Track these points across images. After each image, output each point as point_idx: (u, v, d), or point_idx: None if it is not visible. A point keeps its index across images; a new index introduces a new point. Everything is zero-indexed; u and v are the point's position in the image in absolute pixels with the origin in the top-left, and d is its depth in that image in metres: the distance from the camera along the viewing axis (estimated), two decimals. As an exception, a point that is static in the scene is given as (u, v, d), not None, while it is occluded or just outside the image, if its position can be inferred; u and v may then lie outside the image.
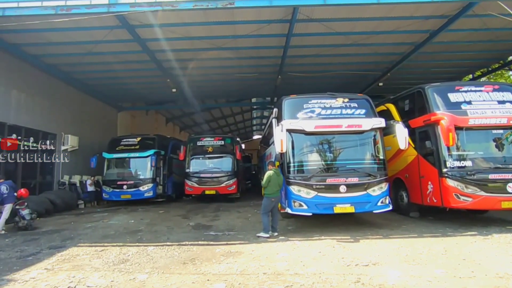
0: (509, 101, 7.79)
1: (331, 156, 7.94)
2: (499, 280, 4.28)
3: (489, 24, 10.82)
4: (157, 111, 24.50)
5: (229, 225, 8.91)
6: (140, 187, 13.87)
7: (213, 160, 14.98)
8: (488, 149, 7.78)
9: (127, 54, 12.49)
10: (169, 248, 6.46)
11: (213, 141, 15.25)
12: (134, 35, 10.61)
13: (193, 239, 7.20)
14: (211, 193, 14.24)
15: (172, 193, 15.87)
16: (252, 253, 5.91)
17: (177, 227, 8.80)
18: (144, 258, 5.78)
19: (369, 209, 7.48)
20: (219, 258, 5.67)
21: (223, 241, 6.93)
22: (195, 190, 14.39)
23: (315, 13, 9.85)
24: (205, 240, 7.13)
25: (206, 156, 14.97)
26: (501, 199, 7.18)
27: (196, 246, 6.55)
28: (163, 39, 11.30)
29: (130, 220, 10.19)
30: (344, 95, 8.31)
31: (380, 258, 5.30)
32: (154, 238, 7.51)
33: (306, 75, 14.70)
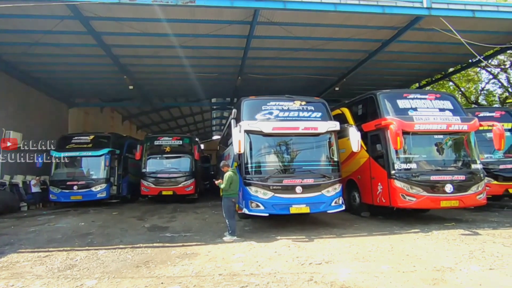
0: (449, 109, 8.52)
1: (288, 157, 8.14)
2: (437, 272, 4.66)
3: (433, 38, 11.80)
4: (113, 109, 23.34)
5: (186, 226, 8.75)
6: (93, 188, 13.15)
7: (171, 160, 14.64)
8: (430, 153, 8.42)
9: (80, 47, 11.78)
10: (121, 251, 6.20)
11: (171, 141, 14.89)
12: (88, 27, 10.03)
13: (147, 241, 6.97)
14: (168, 194, 13.90)
15: (127, 193, 15.22)
16: (208, 254, 5.86)
17: (131, 229, 8.46)
18: (94, 263, 5.48)
19: (324, 209, 7.75)
20: (175, 260, 5.55)
21: (179, 243, 6.79)
22: (152, 190, 13.94)
23: (275, 16, 10.03)
24: (161, 242, 6.93)
25: (164, 156, 14.60)
26: (441, 198, 7.80)
27: (151, 249, 6.35)
28: (120, 34, 10.84)
29: (80, 222, 9.61)
30: (302, 98, 8.56)
31: (333, 257, 5.51)
32: (106, 241, 7.15)
33: (266, 77, 14.91)
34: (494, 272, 4.59)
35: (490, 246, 5.92)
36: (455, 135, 8.42)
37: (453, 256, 5.38)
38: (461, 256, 5.36)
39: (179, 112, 26.55)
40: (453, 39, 10.86)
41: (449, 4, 10.16)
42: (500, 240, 6.29)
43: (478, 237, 6.65)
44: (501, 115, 10.93)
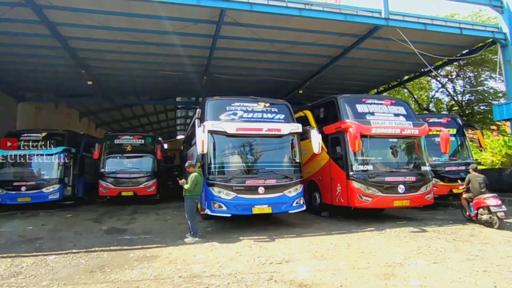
0: (402, 114, 9.08)
1: (251, 158, 8.21)
2: (388, 268, 4.96)
3: (390, 47, 12.53)
4: (69, 105, 21.94)
5: (146, 228, 8.50)
6: (44, 189, 12.28)
7: (132, 159, 14.11)
8: (385, 155, 8.93)
9: (32, 37, 10.99)
10: (74, 256, 5.88)
11: (133, 140, 14.34)
12: (41, 16, 9.39)
13: (104, 244, 6.67)
14: (128, 195, 13.37)
15: (84, 195, 14.41)
16: (168, 257, 5.75)
17: (86, 232, 8.06)
18: (42, 270, 5.15)
19: (285, 209, 7.92)
20: (133, 263, 5.38)
21: (138, 245, 6.58)
22: (111, 191, 13.34)
23: (242, 17, 10.08)
24: (118, 245, 6.68)
25: (124, 155, 14.03)
26: (394, 198, 8.30)
27: (107, 252, 6.09)
28: (78, 26, 10.28)
29: (28, 226, 8.94)
30: (266, 100, 8.67)
31: (293, 256, 5.66)
32: (57, 246, 6.74)
33: (232, 77, 14.91)
34: (437, 266, 4.98)
35: (435, 242, 6.40)
36: (407, 139, 9.00)
37: (403, 252, 5.75)
38: (410, 252, 5.74)
39: (142, 110, 25.65)
40: (408, 49, 11.63)
41: (404, 16, 10.89)
42: (444, 236, 6.83)
43: (426, 234, 7.16)
44: (448, 121, 11.86)
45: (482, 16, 16.67)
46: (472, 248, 5.93)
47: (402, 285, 4.25)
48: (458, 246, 6.08)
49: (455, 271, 4.72)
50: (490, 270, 4.71)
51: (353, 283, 4.37)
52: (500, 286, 4.16)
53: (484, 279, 4.40)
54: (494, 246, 6.05)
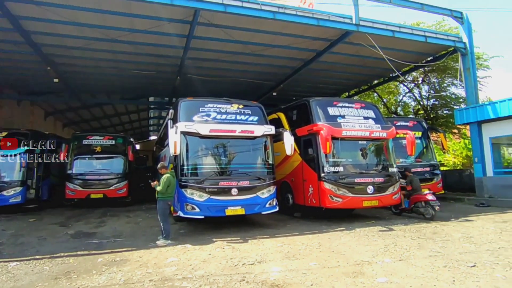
0: (371, 118, 9.43)
1: (224, 159, 8.20)
2: (357, 266, 5.13)
3: (360, 52, 12.98)
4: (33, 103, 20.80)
5: (116, 231, 8.24)
6: (4, 192, 11.57)
7: (102, 160, 13.66)
8: (355, 157, 9.23)
9: (-9, 30, 10.35)
10: (37, 262, 5.59)
11: (102, 140, 13.87)
12: (3, 9, 8.91)
13: (70, 249, 6.40)
14: (98, 197, 12.92)
15: (49, 197, 13.74)
16: (139, 260, 5.61)
17: (51, 237, 7.68)
18: (3, 277, 4.87)
19: (258, 210, 7.97)
20: (101, 268, 5.20)
21: (108, 249, 6.38)
22: (78, 194, 12.83)
23: (216, 18, 10.06)
24: (86, 249, 6.42)
25: (94, 156, 13.55)
26: (363, 199, 8.60)
27: (74, 257, 5.85)
28: (43, 20, 9.81)
29: (-15, 232, 8.41)
30: (240, 102, 8.71)
31: (265, 256, 5.70)
32: (19, 252, 6.38)
33: (205, 78, 14.81)
34: (402, 263, 5.21)
35: (401, 240, 6.69)
36: (376, 142, 9.35)
37: (371, 250, 5.96)
38: (378, 250, 5.96)
39: (113, 110, 24.79)
40: (377, 54, 12.11)
41: (374, 23, 11.34)
42: (409, 235, 7.15)
43: (392, 232, 7.47)
44: (414, 124, 12.46)
45: (444, 26, 17.66)
46: (434, 245, 6.25)
47: (369, 283, 4.41)
48: (422, 243, 6.39)
49: (418, 267, 4.97)
50: (450, 266, 5.00)
51: (323, 282, 4.48)
52: (458, 280, 4.42)
53: (444, 274, 4.66)
54: (454, 242, 6.42)
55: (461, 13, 13.08)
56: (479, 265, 4.98)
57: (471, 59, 13.16)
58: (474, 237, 6.78)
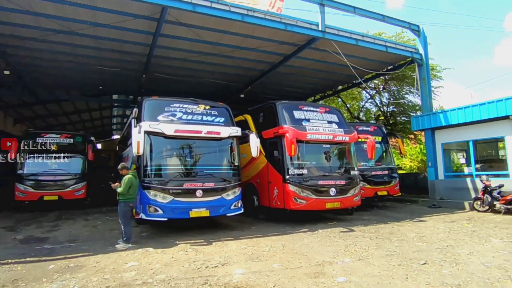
0: (335, 122, 9.74)
1: (189, 160, 8.07)
2: (318, 266, 5.26)
3: (326, 59, 13.39)
4: (-21, 96, 19.14)
5: (71, 235, 7.80)
6: None
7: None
8: (319, 160, 9.47)
9: None
10: (-20, 270, 5.14)
11: (59, 138, 13.04)
12: None
13: (18, 256, 5.96)
14: (52, 199, 12.11)
15: (-5, 199, 12.68)
16: (96, 266, 5.35)
17: (-4, 243, 7.10)
18: None
19: (223, 212, 7.92)
20: (52, 275, 4.88)
21: (61, 255, 6.01)
22: (30, 195, 11.96)
23: (184, 17, 9.91)
24: (36, 255, 6.00)
25: (49, 155, 12.69)
26: (326, 200, 8.84)
27: (22, 264, 5.45)
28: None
29: None
30: (206, 102, 8.62)
31: (229, 258, 5.68)
32: (-41, 259, 5.83)
33: (172, 78, 14.50)
34: (361, 262, 5.43)
35: (361, 240, 6.97)
36: (339, 145, 9.67)
37: (333, 251, 6.14)
38: (339, 250, 6.16)
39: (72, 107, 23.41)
40: (342, 61, 12.57)
41: (339, 31, 11.75)
42: (368, 235, 7.47)
43: (353, 233, 7.76)
44: (374, 129, 13.05)
45: (403, 37, 18.74)
46: (390, 244, 6.58)
47: (329, 282, 4.54)
48: (379, 243, 6.70)
49: (376, 266, 5.20)
50: (404, 264, 5.28)
51: (286, 283, 4.54)
52: (411, 277, 4.69)
53: (398, 272, 4.92)
54: (408, 242, 6.79)
55: (418, 26, 13.96)
56: (429, 263, 5.32)
57: (426, 69, 14.08)
58: (426, 237, 7.23)
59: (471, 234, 7.38)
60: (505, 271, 4.89)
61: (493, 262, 5.33)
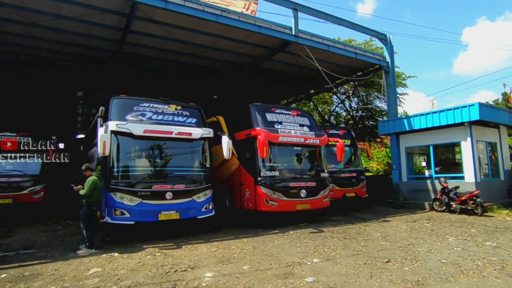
0: (306, 125, 9.90)
1: (159, 162, 7.83)
2: (288, 267, 5.29)
3: (299, 62, 13.60)
4: None
5: (27, 241, 7.30)
6: None
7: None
8: (290, 162, 9.57)
9: None
10: None
11: (16, 137, 12.19)
12: None
13: (-35, 264, 5.48)
14: (5, 203, 11.23)
15: None
16: (54, 273, 5.03)
17: None
18: None
19: (194, 215, 7.74)
20: (4, 286, 4.52)
21: (15, 263, 5.60)
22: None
23: (156, 14, 9.66)
24: (-14, 264, 5.55)
25: (3, 155, 11.79)
26: (297, 202, 8.95)
27: (-31, 274, 5.01)
28: None
29: None
30: (178, 103, 8.42)
31: (199, 262, 5.57)
32: None
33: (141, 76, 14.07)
34: (329, 262, 5.53)
35: (329, 240, 7.11)
36: (310, 148, 9.82)
37: (302, 252, 6.22)
38: (308, 251, 6.25)
39: (31, 104, 22.07)
40: (314, 66, 12.82)
41: (311, 36, 11.98)
42: (337, 235, 7.64)
43: (322, 234, 7.90)
44: (344, 133, 13.41)
45: (372, 45, 19.53)
46: (357, 244, 6.77)
47: (298, 282, 4.58)
48: (347, 243, 6.87)
49: (343, 265, 5.32)
50: (369, 263, 5.45)
51: (255, 285, 4.52)
52: (375, 275, 4.85)
53: (364, 270, 5.06)
54: (374, 241, 7.03)
55: (385, 35, 14.57)
56: (392, 261, 5.53)
57: (392, 77, 14.72)
58: (390, 236, 7.52)
59: (430, 233, 7.78)
60: (459, 266, 5.22)
61: (449, 258, 5.66)
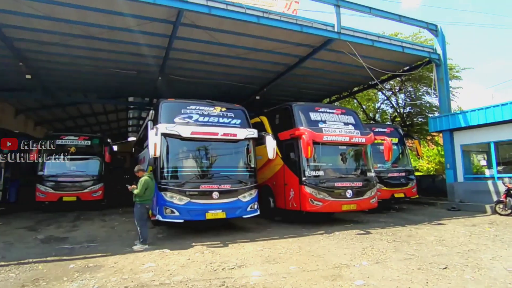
0: (351, 123, 9.62)
1: (205, 162, 8.09)
2: (335, 269, 5.18)
3: (342, 60, 13.25)
4: (2, 100, 19.81)
5: (90, 236, 7.94)
6: (-31, 194, 10.95)
7: (76, 162, 13.16)
8: (335, 162, 9.36)
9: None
10: (2, 269, 5.29)
11: (77, 140, 13.38)
12: (-28, 0, 8.43)
13: (39, 255, 6.10)
14: (71, 200, 12.41)
15: (17, 200, 13.07)
16: (114, 266, 5.42)
17: (18, 242, 7.31)
18: (-37, 285, 4.57)
19: (239, 214, 7.91)
20: (73, 275, 4.98)
21: (80, 255, 6.12)
22: (49, 196, 12.27)
23: (200, 20, 9.98)
24: (57, 255, 6.14)
25: (67, 157, 13.01)
26: (342, 202, 8.74)
27: (43, 264, 5.58)
28: (16, 13, 9.37)
29: None
30: (222, 104, 8.64)
31: (246, 260, 5.66)
32: (-18, 258, 6.02)
33: (188, 80, 14.63)
34: (379, 265, 5.32)
35: (378, 243, 6.84)
36: (355, 147, 9.53)
37: (350, 253, 6.05)
38: (356, 253, 6.06)
39: (89, 109, 24.00)
40: (357, 62, 12.41)
41: (354, 32, 11.61)
42: (386, 238, 7.32)
43: (370, 235, 7.62)
44: (391, 131, 12.83)
45: (420, 38, 18.37)
46: (409, 248, 6.43)
47: (347, 285, 4.46)
48: (397, 246, 6.55)
49: (394, 269, 5.08)
50: (423, 268, 5.14)
51: (303, 286, 4.49)
52: (431, 282, 4.56)
53: (418, 276, 4.79)
54: (428, 245, 6.62)
55: (436, 26, 13.65)
56: (450, 267, 5.16)
57: (444, 69, 13.74)
58: (446, 240, 7.03)
59: (493, 239, 7.14)
60: (530, 277, 4.72)
61: (518, 267, 5.14)
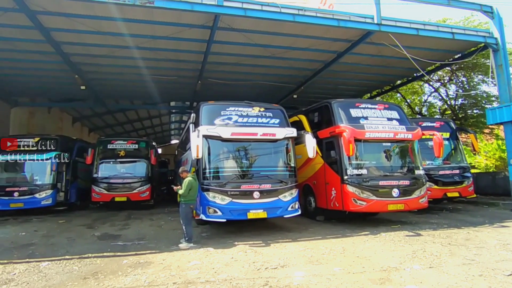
0: (395, 119, 9.15)
1: (246, 163, 8.17)
2: (383, 272, 4.95)
3: (383, 52, 12.65)
4: (62, 110, 21.77)
5: (140, 234, 8.41)
6: (36, 194, 12.15)
7: (125, 164, 14.04)
8: (379, 159, 8.94)
9: (25, 42, 10.92)
10: (67, 262, 5.78)
11: (126, 145, 14.27)
12: (35, 21, 9.35)
13: (97, 250, 6.59)
14: (122, 200, 13.27)
15: (76, 200, 14.28)
16: (162, 263, 5.68)
17: (79, 238, 7.95)
18: (35, 276, 5.06)
19: (280, 214, 7.88)
20: (126, 270, 5.30)
21: (132, 251, 6.50)
22: (103, 197, 13.23)
23: (236, 23, 10.12)
24: (112, 251, 6.59)
25: (118, 160, 13.94)
26: (388, 202, 8.31)
27: (101, 258, 6.01)
28: (71, 31, 10.23)
29: (20, 232, 8.82)
30: (260, 105, 8.68)
31: (288, 261, 5.62)
32: (50, 252, 6.64)
33: (226, 82, 14.91)
34: (433, 270, 4.98)
35: (430, 246, 6.41)
36: (401, 143, 9.03)
37: (398, 256, 5.74)
38: (405, 256, 5.74)
39: (135, 115, 25.56)
40: (400, 54, 11.75)
41: (396, 22, 11.01)
42: (439, 240, 6.84)
43: (420, 237, 7.18)
44: (441, 125, 11.97)
45: (473, 21, 16.96)
46: (467, 252, 5.94)
47: (397, 290, 4.25)
48: (454, 250, 6.09)
49: (451, 275, 4.73)
50: (486, 275, 4.72)
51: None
52: (495, 289, 4.18)
53: (480, 283, 4.41)
54: (489, 250, 6.07)
55: (491, 7, 12.45)
56: (517, 274, 4.69)
57: (503, 55, 12.45)
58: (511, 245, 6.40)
59: None
60: None
61: None
